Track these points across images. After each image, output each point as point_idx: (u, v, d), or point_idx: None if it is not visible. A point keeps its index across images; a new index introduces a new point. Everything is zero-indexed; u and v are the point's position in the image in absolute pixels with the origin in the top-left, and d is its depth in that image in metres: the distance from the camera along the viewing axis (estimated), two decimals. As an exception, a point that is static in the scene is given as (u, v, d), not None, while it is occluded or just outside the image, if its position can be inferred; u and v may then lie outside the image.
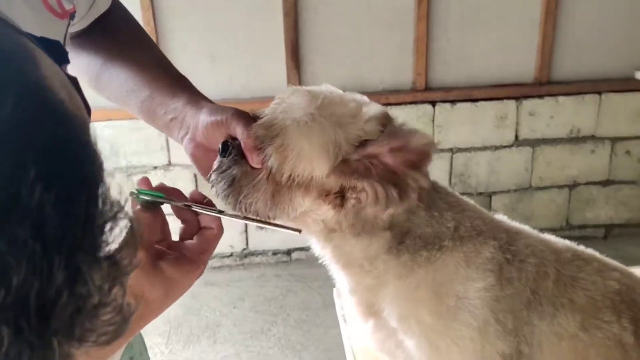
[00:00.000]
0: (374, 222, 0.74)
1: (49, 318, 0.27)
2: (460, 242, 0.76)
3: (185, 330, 2.91)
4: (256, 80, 3.15)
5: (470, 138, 3.34)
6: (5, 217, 0.25)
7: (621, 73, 3.34)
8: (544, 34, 3.20)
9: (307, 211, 0.75)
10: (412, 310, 0.76)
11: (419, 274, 0.75)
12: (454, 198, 0.81)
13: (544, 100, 3.31)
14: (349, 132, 0.71)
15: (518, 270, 0.76)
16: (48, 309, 0.27)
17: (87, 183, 0.29)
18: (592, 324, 0.77)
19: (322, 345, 2.76)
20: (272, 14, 3.07)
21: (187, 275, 0.62)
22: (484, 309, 0.74)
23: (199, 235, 0.66)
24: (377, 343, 0.84)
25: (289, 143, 0.71)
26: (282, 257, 3.49)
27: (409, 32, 3.17)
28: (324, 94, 0.75)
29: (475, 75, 3.29)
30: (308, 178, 0.71)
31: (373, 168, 0.69)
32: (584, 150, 3.43)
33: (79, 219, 0.28)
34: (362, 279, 0.79)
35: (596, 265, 0.82)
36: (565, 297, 0.77)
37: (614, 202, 3.57)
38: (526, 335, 0.76)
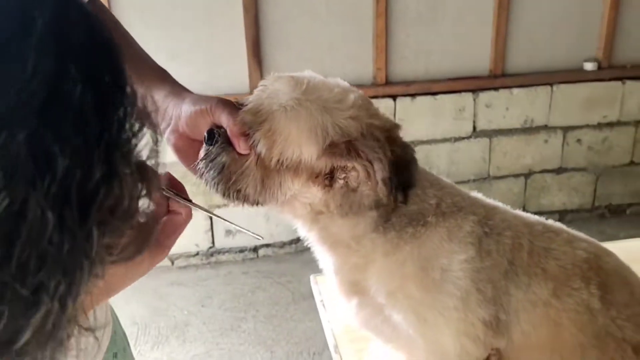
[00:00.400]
0: (361, 202, 0.76)
1: (89, 212, 0.29)
2: (443, 218, 0.79)
3: (153, 331, 2.87)
4: (218, 77, 3.13)
5: (431, 130, 3.42)
6: (50, 110, 0.27)
7: (571, 65, 3.50)
8: (497, 29, 3.31)
9: (295, 194, 0.76)
10: (400, 286, 0.79)
11: (405, 250, 0.78)
12: (432, 176, 0.85)
13: (499, 92, 3.42)
14: (336, 117, 0.73)
15: (496, 242, 0.81)
16: (88, 203, 0.29)
17: (122, 85, 0.31)
18: (563, 291, 0.82)
19: (292, 339, 2.78)
20: (232, 10, 3.06)
21: (150, 257, 0.61)
22: (466, 279, 0.78)
23: (167, 219, 0.65)
24: (362, 321, 0.86)
25: (277, 128, 0.73)
26: (249, 255, 3.49)
27: (368, 27, 3.22)
28: (308, 79, 0.77)
29: (434, 69, 3.38)
30: (297, 161, 0.73)
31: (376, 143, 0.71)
32: (537, 139, 3.57)
33: (116, 119, 0.30)
34: (349, 259, 0.81)
35: (565, 236, 0.87)
36: (539, 266, 0.82)
37: (567, 188, 3.73)
38: (504, 303, 0.80)
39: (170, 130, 0.79)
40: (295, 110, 0.73)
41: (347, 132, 0.73)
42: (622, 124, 3.64)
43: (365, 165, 0.72)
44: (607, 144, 3.67)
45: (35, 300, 0.28)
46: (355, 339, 1.12)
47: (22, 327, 0.28)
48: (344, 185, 0.75)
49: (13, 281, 0.27)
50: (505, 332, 0.81)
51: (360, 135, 0.73)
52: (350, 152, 0.72)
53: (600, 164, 3.72)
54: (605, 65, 3.49)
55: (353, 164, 0.72)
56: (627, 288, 0.86)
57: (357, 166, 0.72)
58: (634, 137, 3.69)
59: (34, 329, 0.28)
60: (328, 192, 0.75)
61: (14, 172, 0.26)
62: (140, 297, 3.13)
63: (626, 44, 3.51)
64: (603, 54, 3.46)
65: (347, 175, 0.74)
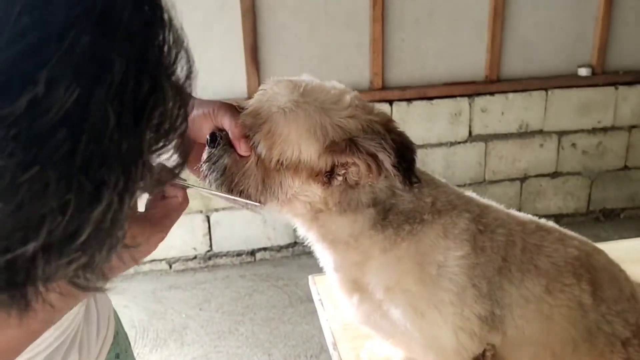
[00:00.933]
0: (359, 199, 0.79)
1: (142, 117, 0.33)
2: (439, 216, 0.82)
3: (151, 334, 2.88)
4: (216, 82, 3.15)
5: (427, 135, 3.45)
6: (106, 23, 0.31)
7: (565, 70, 3.54)
8: (492, 35, 3.35)
9: (295, 193, 0.79)
10: (398, 281, 0.81)
11: (402, 246, 0.80)
12: (428, 176, 0.87)
13: (494, 97, 3.46)
14: (334, 118, 0.76)
15: (490, 239, 0.83)
16: (140, 110, 0.33)
17: (161, 15, 0.35)
18: (555, 287, 0.84)
19: (290, 342, 2.79)
20: (229, 16, 3.09)
21: (147, 237, 0.60)
22: (462, 275, 0.80)
23: (164, 203, 0.65)
24: (363, 317, 0.88)
25: (276, 129, 0.76)
26: (247, 258, 3.50)
27: (365, 32, 3.26)
28: (305, 82, 0.80)
29: (430, 74, 3.41)
30: (296, 161, 0.76)
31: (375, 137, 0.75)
32: (533, 144, 3.61)
33: (156, 43, 0.34)
34: (348, 256, 0.84)
35: (557, 234, 0.89)
36: (532, 263, 0.84)
37: (562, 193, 3.77)
38: (498, 298, 0.82)
39: None
40: (294, 112, 0.76)
41: (347, 130, 0.76)
42: (615, 128, 3.68)
43: (366, 159, 0.74)
44: (602, 148, 3.71)
45: (98, 194, 0.31)
46: (353, 337, 1.14)
47: (85, 220, 0.31)
48: (343, 182, 0.77)
49: (79, 174, 0.30)
50: (500, 327, 0.83)
51: (361, 132, 0.75)
52: (352, 148, 0.75)
53: (595, 169, 3.76)
54: (599, 71, 3.53)
55: (354, 160, 0.75)
56: (616, 285, 0.89)
57: (358, 161, 0.75)
58: (628, 142, 3.73)
59: (95, 223, 0.31)
60: (327, 189, 0.78)
61: (80, 69, 0.30)
62: (139, 300, 3.14)
63: (620, 50, 3.55)
64: (597, 60, 3.51)
65: (347, 171, 0.76)
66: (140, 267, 3.39)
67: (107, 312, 0.91)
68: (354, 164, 0.75)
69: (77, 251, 0.31)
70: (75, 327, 0.78)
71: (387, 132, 0.76)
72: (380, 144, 0.74)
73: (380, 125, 0.77)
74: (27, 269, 0.30)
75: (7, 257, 0.29)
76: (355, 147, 0.74)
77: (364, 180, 0.77)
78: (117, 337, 0.93)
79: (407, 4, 3.26)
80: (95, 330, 0.85)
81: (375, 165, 0.75)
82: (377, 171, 0.76)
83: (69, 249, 0.31)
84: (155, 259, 3.39)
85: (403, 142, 0.77)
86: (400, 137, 0.78)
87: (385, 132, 0.76)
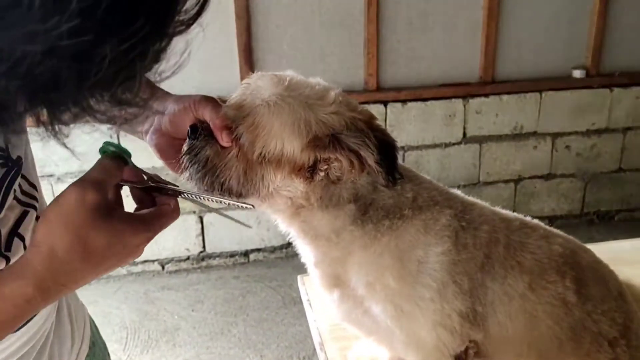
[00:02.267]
0: (340, 194, 0.78)
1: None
2: (419, 211, 0.81)
3: (142, 335, 2.86)
4: (210, 82, 3.14)
5: (421, 136, 3.45)
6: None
7: (559, 72, 3.54)
8: (487, 36, 3.36)
9: (277, 188, 0.78)
10: (378, 277, 0.80)
11: (382, 242, 0.80)
12: (412, 172, 0.86)
13: (489, 98, 3.46)
14: (318, 113, 0.76)
15: (472, 236, 0.82)
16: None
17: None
18: (538, 284, 0.83)
19: (283, 343, 2.78)
20: (224, 17, 3.09)
21: (135, 233, 0.60)
22: (443, 271, 0.79)
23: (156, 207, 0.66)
24: (343, 313, 0.88)
25: (260, 122, 0.75)
26: (240, 259, 3.49)
27: (359, 33, 3.25)
28: (290, 77, 0.79)
29: (424, 75, 3.41)
30: (279, 154, 0.75)
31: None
32: (527, 146, 3.61)
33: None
34: (329, 251, 0.83)
35: (542, 232, 0.89)
36: (515, 260, 0.84)
37: (556, 194, 3.77)
38: (480, 295, 0.82)
39: (153, 130, 0.80)
40: (278, 105, 0.75)
41: (330, 126, 0.75)
42: (610, 130, 3.68)
43: (349, 155, 0.74)
44: (596, 150, 3.71)
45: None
46: (340, 337, 1.13)
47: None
48: (325, 177, 0.77)
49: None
50: (481, 324, 0.82)
51: (344, 129, 0.75)
52: (335, 144, 0.74)
53: (589, 171, 3.76)
54: (593, 73, 3.53)
55: (336, 156, 0.74)
56: (603, 283, 0.88)
57: (341, 157, 0.74)
58: (622, 144, 3.73)
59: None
60: (309, 184, 0.77)
61: None
62: (131, 301, 3.13)
63: (614, 52, 3.56)
64: (591, 61, 3.51)
65: (329, 166, 0.76)
66: (132, 268, 3.38)
67: (83, 324, 0.90)
68: (337, 159, 0.75)
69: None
70: (43, 335, 0.77)
71: (370, 130, 0.76)
72: (363, 141, 0.74)
73: (364, 122, 0.77)
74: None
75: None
76: (338, 143, 0.74)
77: (346, 176, 0.76)
78: (93, 348, 0.92)
79: (401, 5, 3.26)
80: (70, 342, 0.84)
81: (357, 162, 0.75)
82: (359, 167, 0.75)
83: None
84: (148, 260, 3.38)
85: (385, 139, 0.77)
86: (382, 134, 0.78)
87: (368, 129, 0.76)
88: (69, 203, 0.57)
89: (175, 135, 0.80)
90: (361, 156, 0.74)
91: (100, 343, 0.98)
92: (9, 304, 0.55)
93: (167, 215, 0.65)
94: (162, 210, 0.65)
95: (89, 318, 0.95)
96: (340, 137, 0.74)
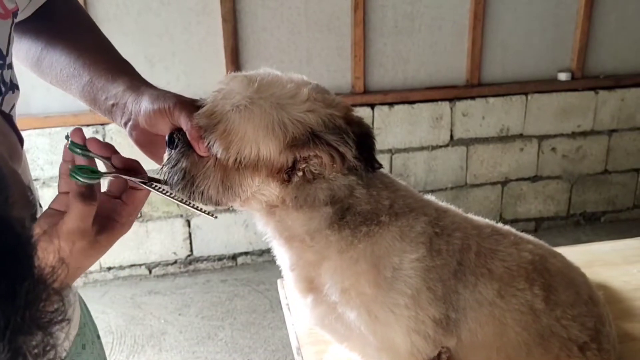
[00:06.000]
0: (316, 195, 0.78)
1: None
2: (396, 218, 0.81)
3: (128, 340, 2.85)
4: (196, 85, 3.14)
5: (408, 139, 3.46)
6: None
7: (545, 74, 3.57)
8: (473, 39, 3.37)
9: (253, 192, 0.78)
10: (353, 283, 0.80)
11: (358, 248, 0.79)
12: (388, 179, 0.86)
13: (475, 101, 3.47)
14: (291, 113, 0.75)
15: (446, 243, 0.82)
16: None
17: (25, 275, 0.33)
18: (507, 291, 0.84)
19: (270, 347, 2.77)
20: (210, 19, 3.08)
21: (118, 237, 0.70)
22: (417, 278, 0.79)
23: (128, 197, 0.71)
24: (316, 318, 0.87)
25: (232, 128, 0.74)
26: (228, 262, 3.48)
27: (346, 36, 3.26)
28: (261, 76, 0.78)
29: (411, 78, 3.42)
30: (255, 159, 0.75)
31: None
32: (513, 148, 3.63)
33: (20, 307, 0.32)
34: (304, 254, 0.83)
35: (512, 238, 0.89)
36: (485, 267, 0.84)
37: (543, 196, 3.79)
38: (453, 302, 0.82)
39: (131, 126, 0.80)
40: (249, 109, 0.74)
41: (307, 125, 0.74)
42: (595, 133, 3.71)
43: (329, 150, 0.74)
44: (582, 152, 3.74)
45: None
46: (317, 341, 1.13)
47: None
48: (302, 176, 0.76)
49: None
50: (454, 330, 0.83)
51: (322, 126, 0.75)
52: (314, 141, 0.74)
53: (575, 172, 3.78)
54: (578, 76, 3.56)
55: (316, 152, 0.74)
56: (572, 288, 0.88)
57: (321, 153, 0.74)
58: (607, 146, 3.76)
59: None
60: (286, 187, 0.77)
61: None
62: (117, 306, 3.10)
63: (599, 55, 3.59)
64: (576, 64, 3.54)
65: (308, 164, 0.75)
66: (119, 272, 3.36)
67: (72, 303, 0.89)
68: (316, 156, 0.75)
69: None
70: None
71: (348, 125, 0.76)
72: (341, 138, 0.74)
73: (341, 118, 0.76)
74: None
75: None
76: (317, 140, 0.74)
77: (328, 172, 0.76)
78: (83, 329, 0.92)
79: (388, 8, 3.27)
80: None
81: (338, 156, 0.75)
82: (340, 162, 0.75)
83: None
84: (135, 264, 3.36)
85: (362, 131, 0.78)
86: (359, 126, 0.78)
87: (347, 125, 0.76)
88: (62, 252, 0.65)
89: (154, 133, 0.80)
90: (341, 151, 0.74)
91: (91, 325, 0.97)
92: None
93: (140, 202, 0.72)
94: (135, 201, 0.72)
95: (79, 298, 0.94)
96: (320, 134, 0.74)
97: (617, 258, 1.43)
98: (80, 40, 0.85)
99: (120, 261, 3.33)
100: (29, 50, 0.85)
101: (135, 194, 0.71)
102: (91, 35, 0.88)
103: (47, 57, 0.84)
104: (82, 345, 0.89)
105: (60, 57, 0.83)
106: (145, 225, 3.28)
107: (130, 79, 0.80)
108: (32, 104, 3.00)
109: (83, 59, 0.82)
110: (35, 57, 0.85)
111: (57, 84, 0.85)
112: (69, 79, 0.82)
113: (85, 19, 0.91)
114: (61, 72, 0.83)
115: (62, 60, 0.83)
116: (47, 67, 0.84)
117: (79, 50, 0.83)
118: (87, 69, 0.81)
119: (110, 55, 0.85)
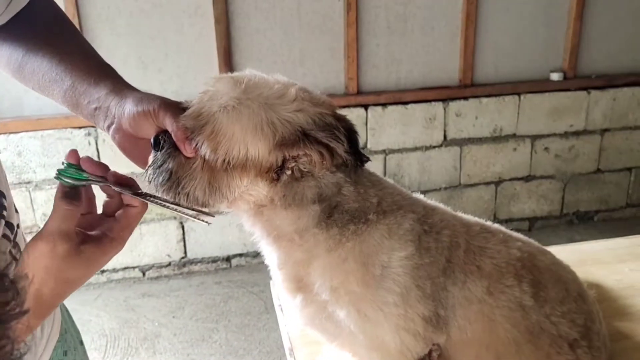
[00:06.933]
0: (304, 193, 0.78)
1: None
2: (384, 216, 0.80)
3: (122, 343, 2.83)
4: (189, 86, 3.13)
5: (402, 139, 3.46)
6: None
7: (537, 75, 3.58)
8: (465, 40, 3.38)
9: (241, 192, 0.77)
10: (342, 281, 0.80)
11: (347, 246, 0.79)
12: (375, 177, 0.86)
13: (468, 101, 3.49)
14: (280, 113, 0.75)
15: (435, 240, 0.82)
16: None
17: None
18: (496, 288, 0.83)
19: (264, 349, 2.77)
20: (202, 21, 3.08)
21: (108, 253, 0.67)
22: (406, 276, 0.79)
23: (122, 213, 0.70)
24: (306, 318, 0.87)
25: (220, 128, 0.74)
26: (222, 264, 3.47)
27: (339, 37, 3.26)
28: (247, 77, 0.78)
29: (404, 79, 3.43)
30: (243, 159, 0.74)
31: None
32: (507, 148, 3.64)
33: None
34: (292, 253, 0.82)
35: (501, 236, 0.89)
36: (474, 264, 0.84)
37: (536, 196, 3.80)
38: (442, 299, 0.82)
39: (115, 129, 0.79)
40: (237, 110, 0.74)
41: (297, 124, 0.75)
42: (588, 132, 3.73)
43: (318, 149, 0.74)
44: (574, 152, 3.75)
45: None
46: (310, 342, 1.12)
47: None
48: (291, 175, 0.76)
49: None
50: (444, 327, 0.82)
51: (312, 125, 0.75)
52: (304, 140, 0.74)
53: (568, 172, 3.80)
54: (571, 76, 3.58)
55: (305, 151, 0.74)
56: (561, 285, 0.88)
57: (310, 152, 0.74)
58: (600, 146, 3.78)
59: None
60: (275, 186, 0.77)
61: None
62: (111, 309, 3.09)
63: (591, 55, 3.61)
64: (569, 64, 3.56)
65: (297, 162, 0.75)
66: (112, 275, 3.35)
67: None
68: (306, 154, 0.75)
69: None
70: None
71: (337, 122, 0.76)
72: (333, 134, 0.74)
73: (330, 116, 0.77)
74: None
75: None
76: (307, 139, 0.74)
77: (318, 169, 0.76)
78: (64, 335, 0.91)
79: (381, 9, 3.27)
80: (39, 327, 0.83)
81: (327, 153, 0.75)
82: (329, 159, 0.75)
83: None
84: (128, 267, 3.35)
85: (348, 127, 0.78)
86: (345, 122, 0.79)
87: (337, 121, 0.76)
88: (43, 255, 0.63)
89: (138, 136, 0.79)
90: (331, 148, 0.75)
91: (73, 331, 0.96)
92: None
93: (135, 218, 0.70)
94: (129, 217, 0.70)
95: (61, 305, 0.94)
96: (310, 133, 0.74)
97: (609, 257, 1.43)
98: (62, 45, 0.84)
99: (113, 264, 3.31)
100: (10, 57, 0.85)
101: (128, 210, 0.70)
102: (73, 40, 0.87)
103: (28, 63, 0.83)
104: (64, 351, 0.88)
105: (42, 62, 0.82)
106: (139, 227, 3.27)
107: (113, 83, 0.80)
108: (25, 107, 2.99)
109: (65, 64, 0.81)
110: (17, 63, 0.84)
111: (40, 89, 0.84)
112: (51, 84, 0.81)
113: (67, 23, 0.90)
114: (43, 77, 0.82)
115: (44, 65, 0.82)
116: (29, 73, 0.83)
117: (60, 55, 0.82)
118: (69, 73, 0.80)
119: (92, 59, 0.84)
